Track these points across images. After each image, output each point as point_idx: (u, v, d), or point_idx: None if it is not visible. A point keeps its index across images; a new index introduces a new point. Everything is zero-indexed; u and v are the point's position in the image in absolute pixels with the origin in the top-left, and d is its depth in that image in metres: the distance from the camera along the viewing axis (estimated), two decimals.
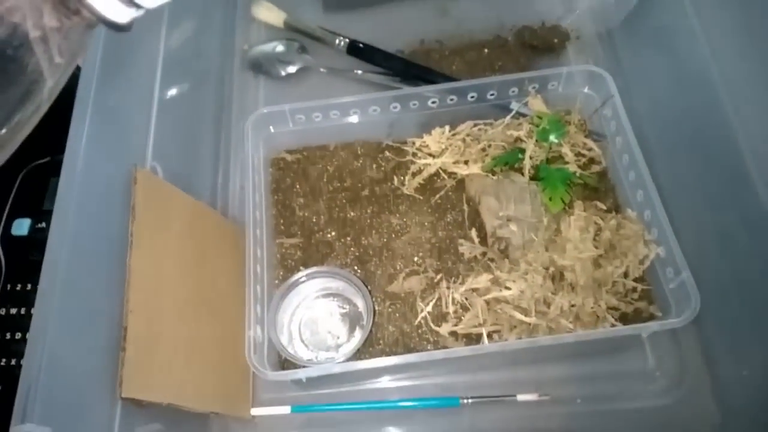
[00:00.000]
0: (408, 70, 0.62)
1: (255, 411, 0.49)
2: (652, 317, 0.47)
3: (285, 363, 0.48)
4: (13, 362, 0.50)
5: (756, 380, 0.45)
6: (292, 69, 0.63)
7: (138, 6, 0.20)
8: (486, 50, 0.63)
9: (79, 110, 0.40)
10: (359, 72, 0.62)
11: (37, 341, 0.34)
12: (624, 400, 0.49)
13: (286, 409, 0.48)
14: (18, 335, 0.51)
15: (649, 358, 0.50)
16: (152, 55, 0.50)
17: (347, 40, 0.63)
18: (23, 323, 0.51)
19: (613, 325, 0.45)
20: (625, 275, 0.47)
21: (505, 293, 0.46)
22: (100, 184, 0.41)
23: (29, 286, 0.52)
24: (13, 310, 0.52)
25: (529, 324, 0.45)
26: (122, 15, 0.20)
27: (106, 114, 0.42)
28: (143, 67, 0.49)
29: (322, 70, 0.63)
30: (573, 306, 0.45)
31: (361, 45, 0.63)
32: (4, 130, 0.20)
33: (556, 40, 0.62)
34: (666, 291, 0.46)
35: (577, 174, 0.50)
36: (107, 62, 0.43)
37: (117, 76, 0.45)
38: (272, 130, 0.55)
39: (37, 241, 0.54)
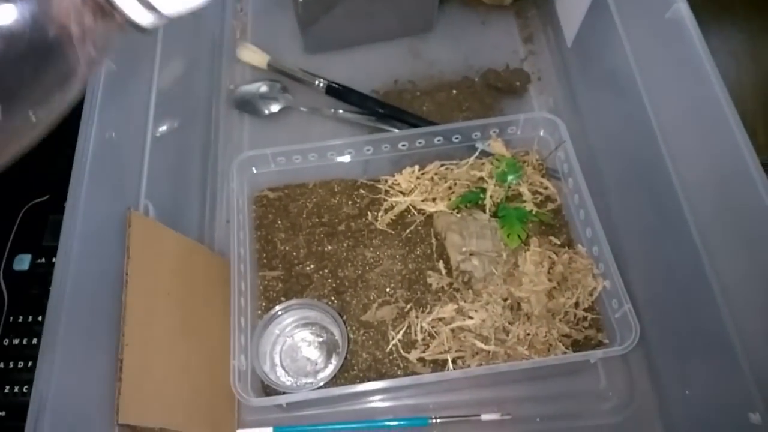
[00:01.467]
0: (381, 110, 0.66)
1: None
2: (600, 344, 0.51)
3: (267, 388, 0.51)
4: (15, 390, 0.53)
5: (697, 399, 0.48)
6: (275, 108, 0.67)
7: (156, 11, 0.25)
8: (454, 91, 0.68)
9: (80, 149, 0.43)
10: (337, 111, 0.67)
11: (44, 372, 0.36)
12: (579, 418, 0.53)
13: (268, 430, 0.51)
14: (20, 364, 0.53)
15: (602, 379, 0.53)
16: (145, 96, 0.53)
17: (326, 81, 0.67)
18: (25, 353, 0.54)
19: (564, 352, 0.49)
20: (576, 305, 0.51)
21: (468, 322, 0.50)
22: (99, 223, 0.43)
23: (30, 318, 0.55)
24: (16, 341, 0.55)
25: (489, 351, 0.49)
26: (144, 18, 0.25)
27: (104, 155, 0.45)
28: (137, 106, 0.52)
29: (302, 109, 0.67)
30: (528, 335, 0.49)
31: (338, 86, 0.67)
32: (36, 113, 0.24)
33: (518, 83, 0.66)
34: (612, 320, 0.49)
35: (534, 212, 0.54)
36: (105, 103, 0.46)
37: (114, 115, 0.47)
38: (255, 171, 0.59)
39: (37, 275, 0.57)
